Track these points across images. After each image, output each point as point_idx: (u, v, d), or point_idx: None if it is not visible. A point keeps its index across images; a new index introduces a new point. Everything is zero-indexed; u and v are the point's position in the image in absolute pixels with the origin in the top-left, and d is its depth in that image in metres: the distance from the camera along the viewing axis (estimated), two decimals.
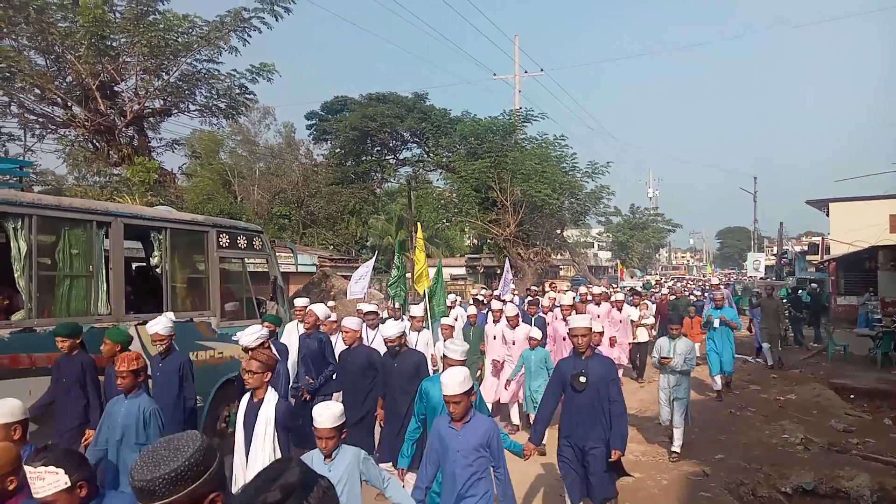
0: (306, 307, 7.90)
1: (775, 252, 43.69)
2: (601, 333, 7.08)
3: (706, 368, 11.25)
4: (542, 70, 28.79)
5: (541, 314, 11.11)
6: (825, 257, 26.90)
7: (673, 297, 17.01)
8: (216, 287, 7.68)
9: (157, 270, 7.19)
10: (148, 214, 7.38)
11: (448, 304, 11.67)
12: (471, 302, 12.61)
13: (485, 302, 11.61)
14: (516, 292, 15.50)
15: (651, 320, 14.00)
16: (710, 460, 7.37)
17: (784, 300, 19.86)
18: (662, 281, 33.35)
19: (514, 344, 8.60)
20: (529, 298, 12.53)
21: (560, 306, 10.41)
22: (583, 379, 4.88)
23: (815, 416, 9.41)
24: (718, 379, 10.67)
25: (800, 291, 20.11)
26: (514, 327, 8.66)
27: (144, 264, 8.65)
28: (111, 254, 6.51)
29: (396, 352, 5.82)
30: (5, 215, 5.56)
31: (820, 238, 31.38)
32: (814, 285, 19.98)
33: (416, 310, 8.68)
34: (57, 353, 5.55)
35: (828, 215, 26.17)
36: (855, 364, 14.04)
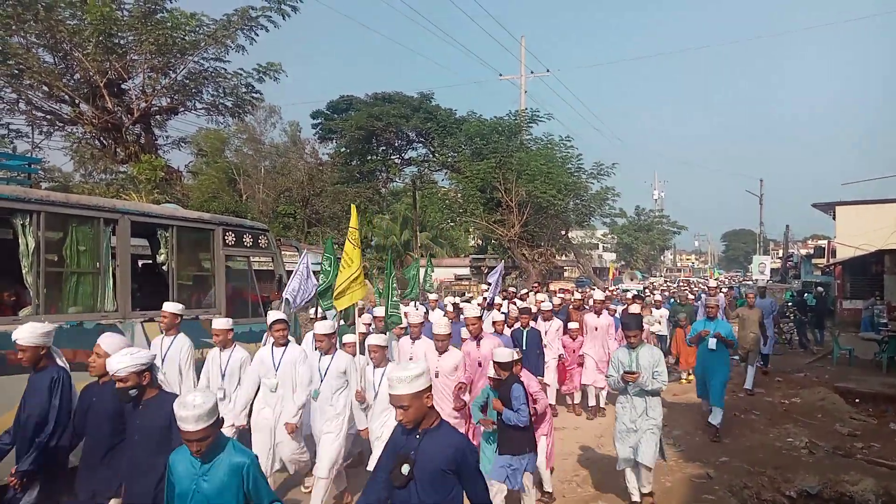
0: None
1: (781, 255, 43.57)
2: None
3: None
4: (548, 71, 28.74)
5: (537, 324, 9.59)
6: (831, 261, 26.76)
7: (678, 304, 15.15)
8: (222, 285, 7.71)
9: (164, 268, 7.22)
10: (155, 212, 7.41)
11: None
12: (446, 305, 11.27)
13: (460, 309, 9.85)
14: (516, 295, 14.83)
15: (658, 327, 13.30)
16: (714, 463, 7.35)
17: (789, 303, 19.80)
18: (658, 284, 32.66)
19: (479, 366, 6.51)
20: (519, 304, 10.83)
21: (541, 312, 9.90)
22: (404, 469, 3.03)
23: (820, 420, 9.38)
24: (707, 404, 8.70)
25: (805, 295, 20.03)
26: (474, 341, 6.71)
27: (151, 261, 8.69)
28: (118, 251, 6.54)
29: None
30: (14, 212, 5.59)
31: (826, 241, 31.25)
32: (819, 289, 19.87)
33: (348, 337, 6.79)
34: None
35: (834, 219, 26.05)
36: (860, 368, 13.97)
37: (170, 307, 6.27)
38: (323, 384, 5.93)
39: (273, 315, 6.42)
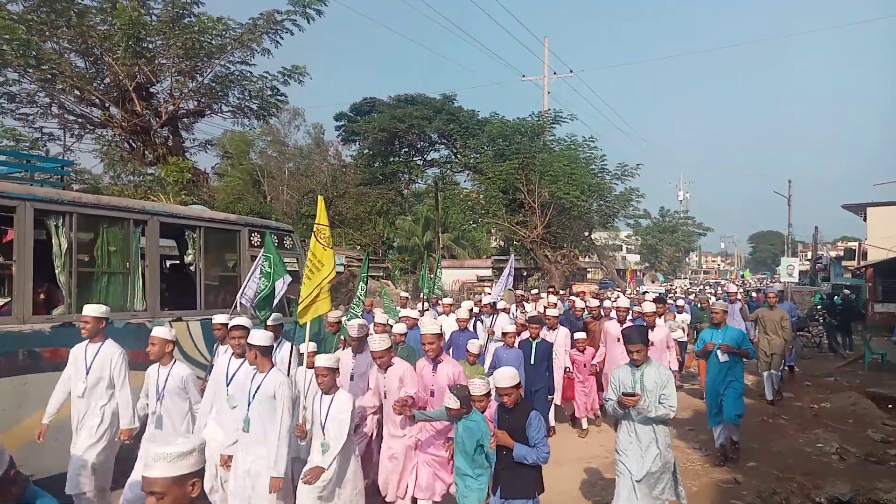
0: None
1: (810, 257, 42.74)
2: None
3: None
4: (571, 71, 28.68)
5: (548, 335, 8.49)
6: (862, 263, 26.23)
7: (699, 309, 13.73)
8: None
9: (191, 268, 7.33)
10: (183, 213, 7.53)
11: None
12: (423, 307, 10.53)
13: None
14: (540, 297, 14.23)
15: (680, 333, 11.77)
16: (742, 468, 7.23)
17: (818, 306, 19.40)
18: (683, 287, 31.85)
19: (432, 395, 5.36)
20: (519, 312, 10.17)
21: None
22: None
23: (851, 426, 9.17)
24: (719, 432, 7.40)
25: (835, 298, 19.64)
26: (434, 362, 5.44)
27: (178, 262, 8.84)
28: (147, 251, 6.67)
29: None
30: (47, 213, 5.73)
31: (857, 243, 30.62)
32: (846, 291, 19.46)
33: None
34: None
35: (865, 220, 25.57)
36: (893, 373, 13.64)
37: (91, 310, 5.06)
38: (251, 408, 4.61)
39: (220, 318, 5.98)
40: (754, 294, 21.31)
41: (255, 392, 4.51)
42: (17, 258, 5.48)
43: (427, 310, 10.83)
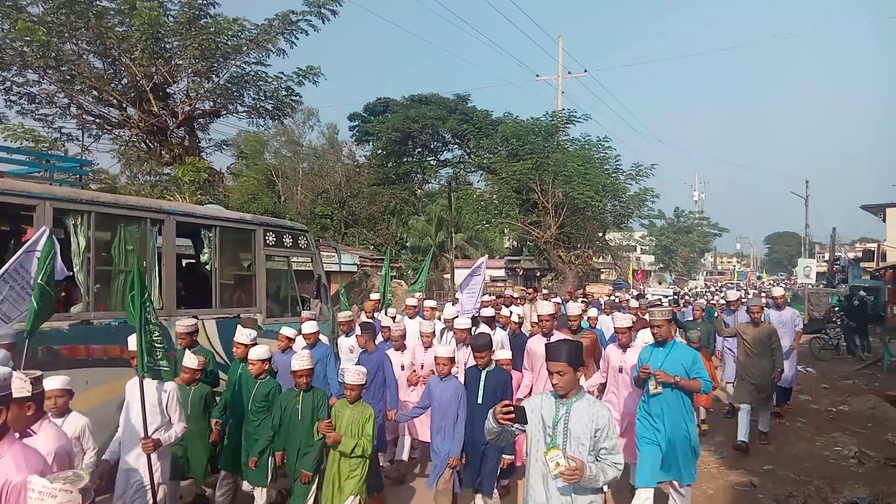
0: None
1: (827, 259, 42.26)
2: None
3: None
4: (585, 71, 28.47)
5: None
6: (881, 264, 25.87)
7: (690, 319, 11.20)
8: (262, 284, 7.85)
9: (207, 267, 7.39)
10: (199, 213, 7.60)
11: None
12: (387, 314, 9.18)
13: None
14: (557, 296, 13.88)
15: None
16: (758, 471, 7.16)
17: (836, 308, 19.15)
18: (698, 288, 31.23)
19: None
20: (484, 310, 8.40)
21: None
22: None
23: (870, 429, 9.04)
24: (644, 496, 5.03)
25: (853, 300, 19.39)
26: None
27: (194, 261, 8.92)
28: (164, 250, 6.73)
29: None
30: (66, 212, 5.80)
31: (876, 245, 30.21)
32: (862, 293, 19.17)
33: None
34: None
35: (884, 221, 25.22)
36: None
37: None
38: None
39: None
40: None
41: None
42: None
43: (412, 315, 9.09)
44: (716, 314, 13.02)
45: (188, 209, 7.71)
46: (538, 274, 36.12)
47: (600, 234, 27.13)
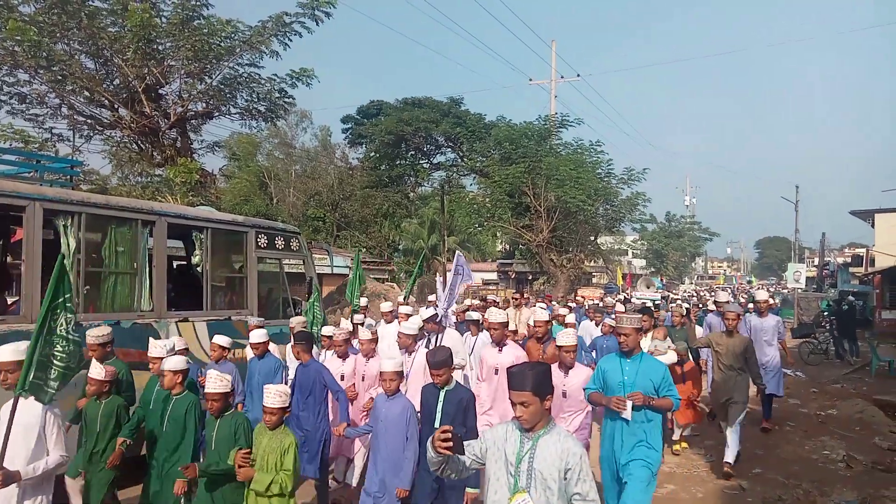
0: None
1: (817, 263, 42.58)
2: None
3: None
4: (578, 75, 28.58)
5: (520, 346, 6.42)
6: (870, 270, 26.10)
7: (671, 327, 10.05)
8: (254, 286, 7.83)
9: (198, 269, 7.36)
10: (191, 214, 7.57)
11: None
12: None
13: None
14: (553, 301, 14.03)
15: (672, 356, 7.18)
16: (747, 474, 7.19)
17: (825, 312, 19.29)
18: (686, 292, 30.92)
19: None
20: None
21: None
22: None
23: (858, 433, 9.11)
24: None
25: (842, 304, 19.54)
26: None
27: (185, 263, 8.88)
28: (155, 252, 6.70)
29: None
30: (56, 213, 5.77)
31: (864, 250, 30.48)
32: (851, 298, 19.32)
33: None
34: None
35: (873, 226, 25.44)
36: None
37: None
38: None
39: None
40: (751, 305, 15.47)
41: None
42: (25, 258, 5.52)
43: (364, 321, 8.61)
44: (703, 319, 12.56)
45: (179, 211, 7.67)
46: (530, 277, 36.19)
47: (592, 238, 27.24)
